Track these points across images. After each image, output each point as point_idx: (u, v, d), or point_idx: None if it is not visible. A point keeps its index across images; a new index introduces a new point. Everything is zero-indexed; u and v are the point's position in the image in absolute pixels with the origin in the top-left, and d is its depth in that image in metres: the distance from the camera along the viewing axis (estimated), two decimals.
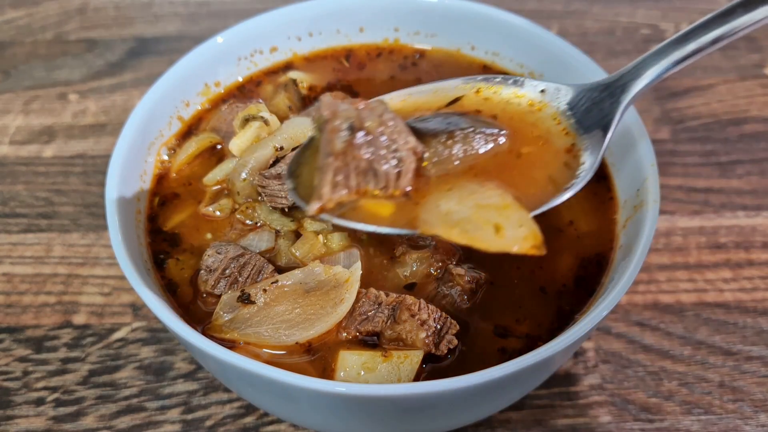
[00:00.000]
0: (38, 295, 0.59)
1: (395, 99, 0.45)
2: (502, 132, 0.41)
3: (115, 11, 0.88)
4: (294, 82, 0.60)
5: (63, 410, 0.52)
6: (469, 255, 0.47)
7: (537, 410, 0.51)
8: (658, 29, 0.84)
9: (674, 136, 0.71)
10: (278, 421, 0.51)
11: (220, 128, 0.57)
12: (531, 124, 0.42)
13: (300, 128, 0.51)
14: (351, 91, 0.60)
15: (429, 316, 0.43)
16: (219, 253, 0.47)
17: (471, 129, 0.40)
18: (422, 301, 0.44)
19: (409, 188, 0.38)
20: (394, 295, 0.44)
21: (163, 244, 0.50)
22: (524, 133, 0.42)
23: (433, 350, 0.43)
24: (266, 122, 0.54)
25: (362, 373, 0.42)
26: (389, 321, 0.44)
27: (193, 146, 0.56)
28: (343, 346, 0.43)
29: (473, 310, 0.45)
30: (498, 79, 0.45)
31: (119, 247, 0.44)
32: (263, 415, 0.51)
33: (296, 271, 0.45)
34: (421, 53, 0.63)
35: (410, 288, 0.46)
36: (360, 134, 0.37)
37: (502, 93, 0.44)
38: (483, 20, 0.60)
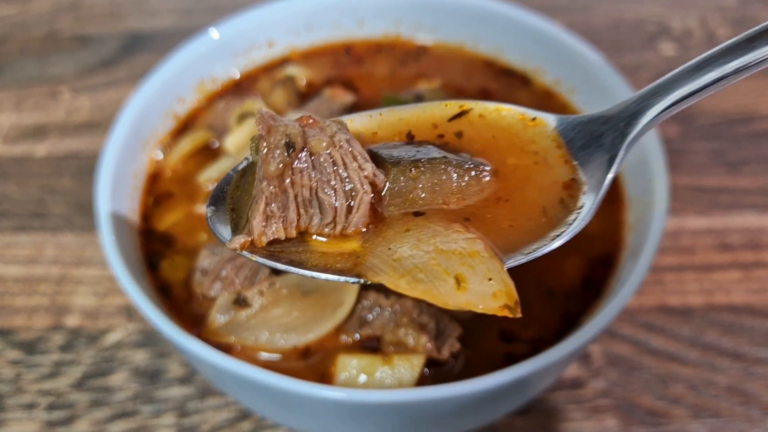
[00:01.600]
0: (30, 296, 0.58)
1: (360, 119, 0.36)
2: (484, 166, 0.33)
3: (110, 6, 0.87)
4: (292, 78, 0.59)
5: (56, 414, 0.51)
6: None
7: (542, 415, 0.50)
8: (664, 25, 0.82)
9: (682, 134, 0.70)
10: (276, 425, 0.50)
11: (215, 125, 0.56)
12: (526, 139, 0.35)
13: None
14: (351, 86, 0.59)
15: (430, 319, 0.42)
16: (214, 255, 0.46)
17: (442, 158, 0.32)
18: (424, 303, 0.43)
19: (363, 227, 0.31)
20: (395, 297, 0.43)
21: (157, 244, 0.49)
22: (516, 147, 0.34)
23: (435, 354, 0.42)
24: None
25: (362, 377, 0.40)
26: (390, 324, 0.42)
27: (188, 144, 0.54)
28: (343, 350, 0.42)
29: (478, 314, 0.44)
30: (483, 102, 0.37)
31: (111, 248, 0.43)
32: (260, 420, 0.50)
33: None
34: (423, 48, 0.62)
35: None
36: (302, 155, 0.30)
37: (488, 112, 0.36)
38: (487, 14, 0.59)
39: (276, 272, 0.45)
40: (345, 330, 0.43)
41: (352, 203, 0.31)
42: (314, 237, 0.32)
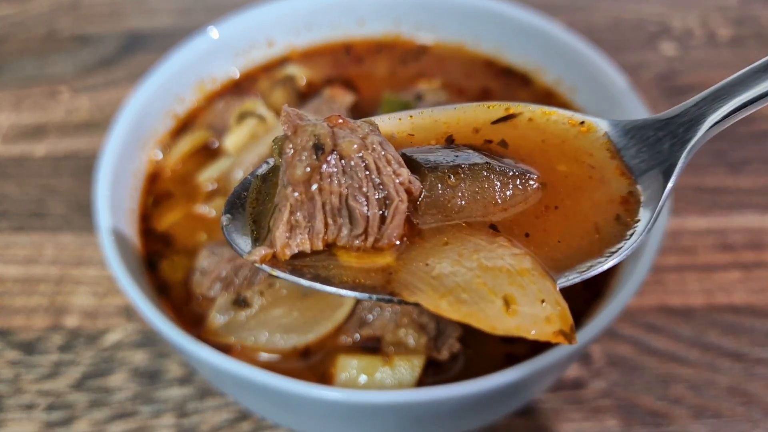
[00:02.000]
0: (30, 296, 0.58)
1: (390, 121, 0.31)
2: (531, 174, 0.29)
3: (109, 6, 0.86)
4: (292, 77, 0.58)
5: (55, 415, 0.51)
6: None
7: (542, 415, 0.50)
8: (665, 24, 0.82)
9: None
10: (275, 426, 0.50)
11: (215, 125, 0.55)
12: (581, 149, 0.31)
13: None
14: (351, 86, 0.59)
15: (430, 319, 0.42)
16: (214, 255, 0.46)
17: (485, 164, 0.28)
18: None
19: (397, 239, 0.27)
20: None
21: (157, 244, 0.49)
22: (569, 155, 0.30)
23: (435, 355, 0.42)
24: (263, 119, 0.52)
25: (362, 378, 0.40)
26: (390, 325, 0.42)
27: (187, 144, 0.54)
28: (343, 351, 0.42)
29: None
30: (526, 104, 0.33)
31: (110, 248, 0.43)
32: (260, 420, 0.50)
33: None
34: (424, 48, 0.61)
35: None
36: (331, 158, 0.26)
37: (537, 116, 0.32)
38: (488, 14, 0.59)
39: None
40: (345, 330, 0.43)
41: (385, 212, 0.27)
42: (343, 250, 0.27)
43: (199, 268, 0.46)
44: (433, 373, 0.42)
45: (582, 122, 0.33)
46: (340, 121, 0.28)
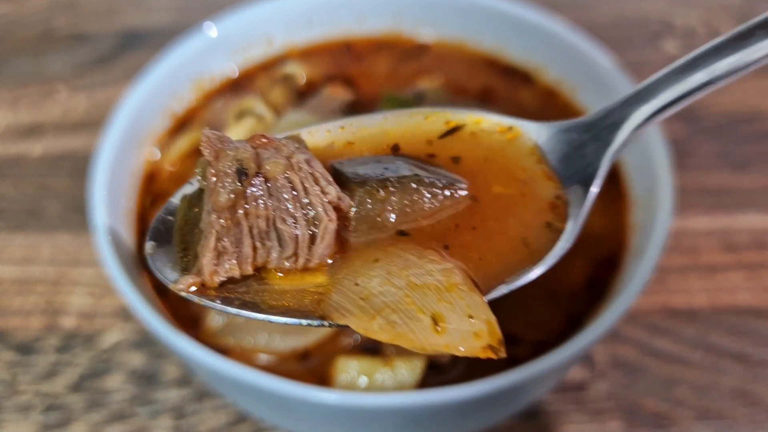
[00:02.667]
0: (26, 297, 0.58)
1: (318, 131, 0.30)
2: (460, 183, 0.29)
3: (106, 4, 0.86)
4: (291, 75, 0.58)
5: (52, 416, 0.50)
6: None
7: (545, 417, 0.50)
8: (668, 23, 0.81)
9: (687, 134, 0.69)
10: (274, 428, 0.49)
11: (213, 124, 0.55)
12: (513, 161, 0.30)
13: (296, 124, 0.49)
14: (351, 84, 0.58)
15: None
16: None
17: (413, 176, 0.28)
18: None
19: (328, 258, 0.26)
20: None
21: None
22: (507, 172, 0.30)
23: (437, 357, 0.41)
24: (262, 118, 0.51)
25: (362, 380, 0.40)
26: None
27: (185, 143, 0.54)
28: (343, 353, 0.41)
29: None
30: (451, 110, 0.33)
31: (106, 249, 0.42)
32: (258, 422, 0.50)
33: None
34: (425, 46, 0.61)
35: None
36: (256, 181, 0.26)
37: (480, 129, 0.31)
38: (489, 11, 0.58)
39: None
40: (345, 332, 0.42)
41: (315, 231, 0.27)
42: (274, 272, 0.27)
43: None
44: (434, 375, 0.41)
45: (510, 128, 0.33)
46: (264, 140, 0.28)
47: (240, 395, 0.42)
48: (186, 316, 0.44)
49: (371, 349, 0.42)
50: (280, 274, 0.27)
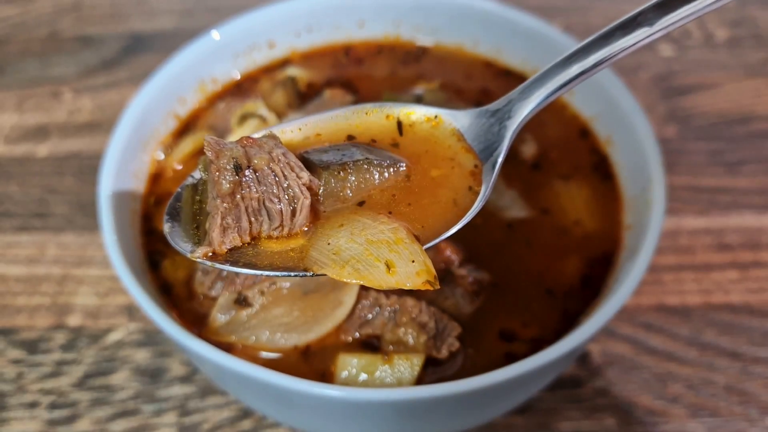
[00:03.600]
0: (32, 296, 0.58)
1: (289, 129, 0.41)
2: (400, 162, 0.38)
3: (111, 7, 0.87)
4: (293, 79, 0.59)
5: (58, 413, 0.51)
6: (472, 256, 0.46)
7: (541, 414, 0.50)
8: None
9: (680, 134, 0.70)
10: (276, 424, 0.50)
11: (217, 126, 0.56)
12: (440, 142, 0.40)
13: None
14: (351, 87, 0.59)
15: (430, 318, 0.42)
16: None
17: (364, 159, 0.37)
18: (423, 303, 0.43)
19: (306, 227, 0.36)
20: (395, 296, 0.43)
21: (159, 244, 0.49)
22: (440, 156, 0.40)
23: (435, 353, 0.42)
24: (264, 120, 0.52)
25: (362, 376, 0.41)
26: (390, 323, 0.43)
27: (189, 144, 0.55)
28: (343, 350, 0.42)
29: (477, 313, 0.44)
30: (390, 104, 0.41)
31: (113, 247, 0.43)
32: (261, 419, 0.50)
33: None
34: (423, 50, 0.62)
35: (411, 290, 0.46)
36: (248, 172, 0.35)
37: (418, 123, 0.41)
38: (486, 16, 0.59)
39: None
40: (345, 329, 0.43)
41: (295, 207, 0.36)
42: (266, 240, 0.36)
43: (201, 268, 0.46)
44: (432, 371, 0.42)
45: (435, 116, 0.42)
46: (250, 140, 0.37)
47: (243, 391, 0.43)
48: (190, 314, 0.45)
49: (371, 346, 0.43)
50: (271, 241, 0.36)
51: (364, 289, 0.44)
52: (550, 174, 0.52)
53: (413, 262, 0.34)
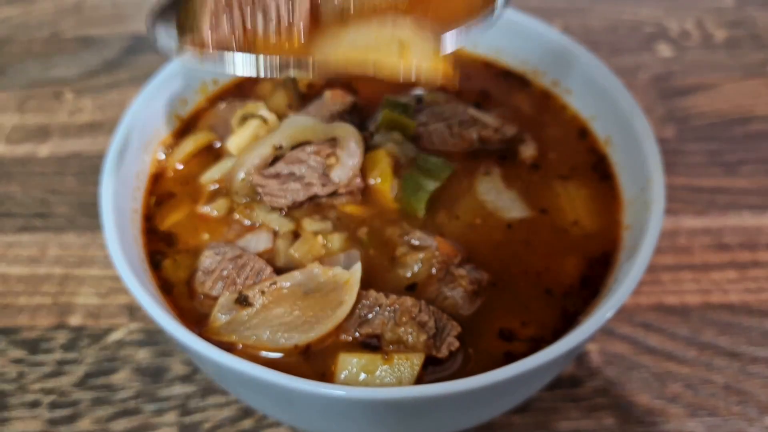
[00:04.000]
0: (33, 295, 0.59)
1: None
2: None
3: (112, 8, 0.87)
4: (293, 79, 0.59)
5: (59, 413, 0.51)
6: (471, 256, 0.47)
7: (540, 413, 0.51)
8: (662, 26, 0.83)
9: (679, 135, 0.70)
10: (277, 424, 0.50)
11: (217, 127, 0.56)
12: None
13: (299, 126, 0.50)
14: (351, 88, 0.59)
15: (430, 317, 0.43)
16: (216, 254, 0.46)
17: None
18: (423, 302, 0.43)
19: (306, 29, 0.34)
20: (395, 296, 0.43)
21: (160, 244, 0.49)
22: None
23: (434, 353, 0.42)
24: (265, 120, 0.53)
25: (362, 375, 0.41)
26: (390, 323, 0.43)
27: (190, 145, 0.55)
28: (343, 349, 0.42)
29: (477, 313, 0.45)
30: None
31: (114, 247, 0.43)
32: (262, 418, 0.51)
33: (295, 273, 0.44)
34: None
35: (411, 289, 0.46)
36: None
37: None
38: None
39: (278, 273, 0.45)
40: (345, 329, 0.43)
41: (293, 2, 0.33)
42: (265, 45, 0.34)
43: (202, 268, 0.46)
44: (432, 370, 0.42)
45: None
46: None
47: (244, 390, 0.43)
48: (190, 314, 0.45)
49: (371, 345, 0.43)
50: (270, 45, 0.34)
51: (364, 289, 0.44)
52: (549, 174, 0.53)
53: (426, 41, 0.33)
